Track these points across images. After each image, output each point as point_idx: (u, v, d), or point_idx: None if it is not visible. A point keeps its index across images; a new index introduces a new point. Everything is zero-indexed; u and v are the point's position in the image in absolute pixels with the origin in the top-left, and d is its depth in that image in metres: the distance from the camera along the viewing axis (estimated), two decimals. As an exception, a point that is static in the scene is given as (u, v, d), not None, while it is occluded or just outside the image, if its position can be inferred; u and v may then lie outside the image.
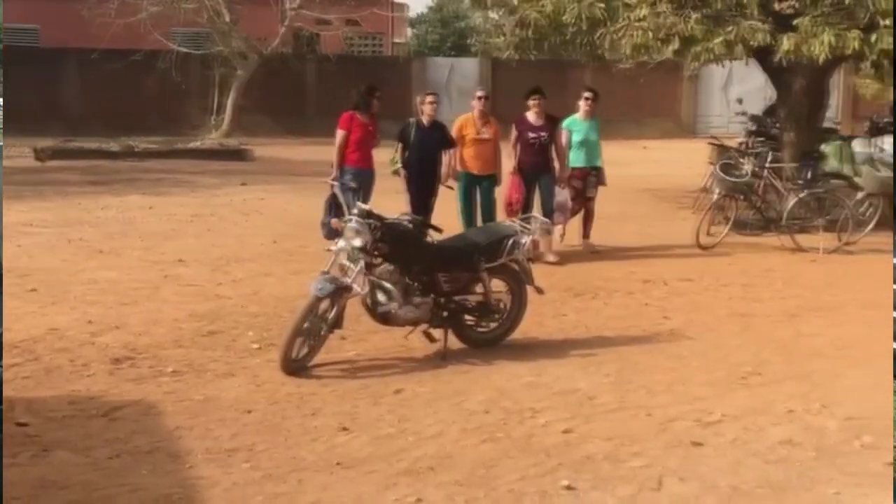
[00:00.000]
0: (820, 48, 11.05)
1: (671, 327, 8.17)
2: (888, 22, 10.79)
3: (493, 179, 10.84)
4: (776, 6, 12.13)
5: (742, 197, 11.88)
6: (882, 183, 12.15)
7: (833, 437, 5.68)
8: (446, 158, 10.58)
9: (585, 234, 11.58)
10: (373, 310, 7.01)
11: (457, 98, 29.41)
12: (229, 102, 26.93)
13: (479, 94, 11.12)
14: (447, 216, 9.66)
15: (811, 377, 6.86)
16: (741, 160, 12.47)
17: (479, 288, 7.32)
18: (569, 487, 4.93)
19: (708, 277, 10.07)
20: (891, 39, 10.90)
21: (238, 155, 22.26)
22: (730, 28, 11.51)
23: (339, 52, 30.41)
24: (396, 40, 35.35)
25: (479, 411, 6.06)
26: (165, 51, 26.38)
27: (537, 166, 10.94)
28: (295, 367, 6.65)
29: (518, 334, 7.60)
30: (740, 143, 15.09)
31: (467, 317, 7.34)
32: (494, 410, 6.07)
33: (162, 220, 13.25)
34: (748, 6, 11.49)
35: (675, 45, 11.73)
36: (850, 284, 9.86)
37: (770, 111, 16.00)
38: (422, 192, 10.39)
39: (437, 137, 10.48)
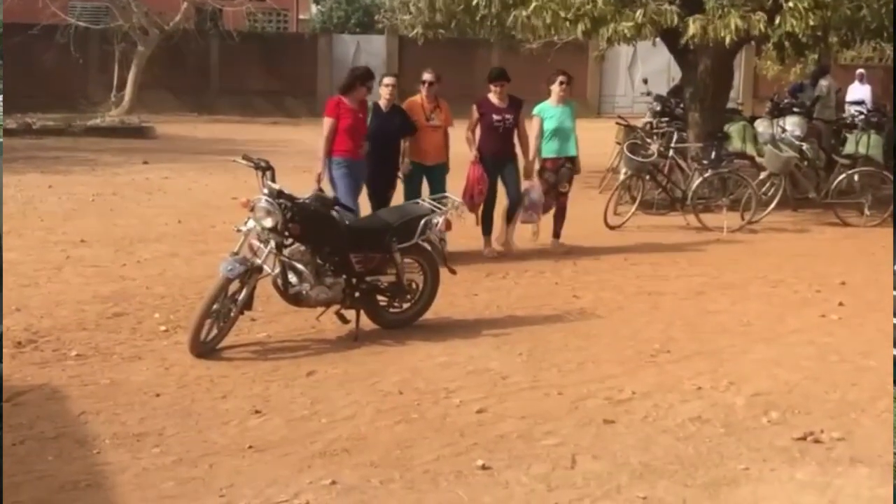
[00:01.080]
0: (726, 30, 11.23)
1: (581, 306, 8.24)
2: (791, 4, 11.00)
3: (444, 168, 9.94)
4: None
5: (648, 177, 12.03)
6: (784, 163, 12.43)
7: (741, 413, 5.78)
8: (404, 146, 9.82)
9: (556, 233, 10.55)
10: (284, 291, 6.91)
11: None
12: (130, 79, 26.25)
13: (427, 77, 9.89)
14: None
15: (718, 354, 6.98)
16: (648, 140, 12.61)
17: (391, 268, 7.27)
18: (484, 467, 4.94)
19: (616, 256, 10.18)
20: (793, 21, 11.11)
21: (140, 132, 21.76)
22: (638, 9, 11.61)
23: (242, 28, 29.94)
24: (302, 17, 34.88)
25: (393, 392, 6.03)
26: (64, 25, 25.60)
27: (501, 153, 9.99)
28: (204, 349, 6.53)
29: (431, 314, 7.57)
30: (645, 124, 15.27)
31: (380, 297, 7.29)
32: (408, 391, 6.05)
33: (62, 199, 12.88)
34: (657, -13, 11.62)
35: (586, 25, 11.80)
36: (754, 262, 10.06)
37: (675, 92, 16.22)
38: (380, 186, 9.60)
39: (397, 124, 9.63)
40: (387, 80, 9.80)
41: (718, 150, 12.27)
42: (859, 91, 19.35)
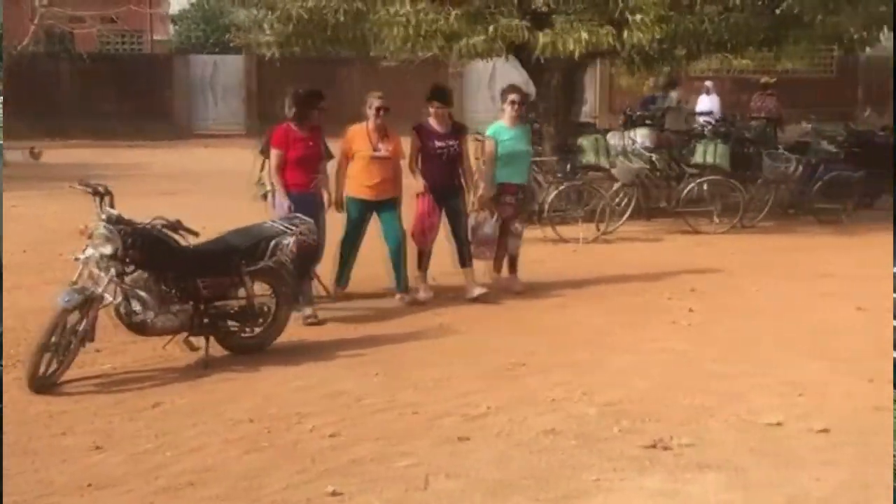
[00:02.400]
0: (574, 44, 11.40)
1: (440, 322, 8.21)
2: (638, 18, 11.23)
3: (395, 205, 8.91)
4: (533, 3, 12.42)
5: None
6: (635, 173, 12.68)
7: (593, 424, 5.80)
8: (331, 177, 8.78)
9: (512, 269, 9.55)
10: (127, 320, 6.67)
11: (221, 97, 28.90)
12: (-24, 104, 25.26)
13: (377, 104, 8.75)
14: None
15: (575, 365, 7.01)
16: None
17: (241, 292, 7.10)
18: (334, 493, 4.81)
19: (474, 270, 10.17)
20: (640, 34, 11.35)
21: (-14, 160, 20.89)
22: (490, 25, 11.69)
23: (93, 50, 29.16)
24: (157, 38, 34.15)
25: (243, 420, 5.85)
26: None
27: (446, 184, 8.97)
28: (44, 384, 6.25)
29: (284, 338, 7.43)
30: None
31: (230, 322, 7.10)
32: (259, 418, 5.88)
33: None
34: (506, 3, 11.72)
35: (439, 41, 11.82)
36: (610, 272, 10.19)
37: (530, 107, 16.38)
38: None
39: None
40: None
41: (573, 162, 12.43)
42: (707, 102, 19.95)
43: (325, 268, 8.70)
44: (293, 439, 5.57)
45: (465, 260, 9.12)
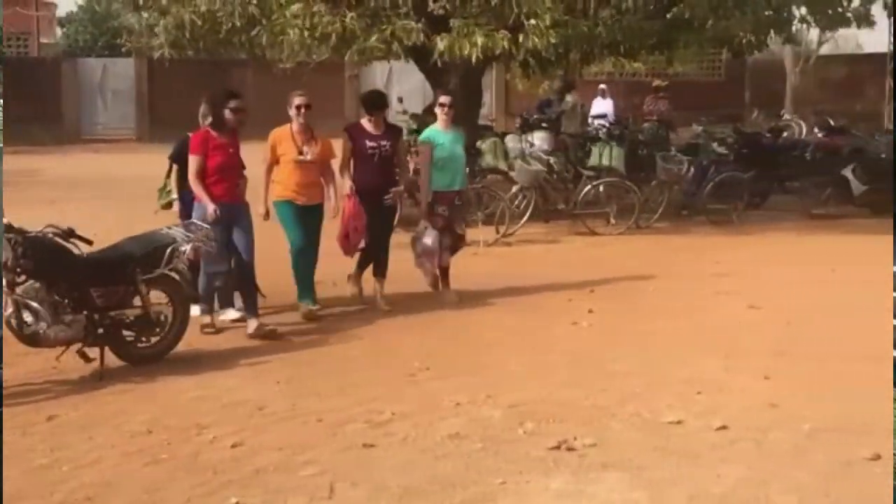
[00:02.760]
0: (472, 48, 11.44)
1: (341, 328, 8.14)
2: (533, 23, 11.33)
3: (319, 212, 8.66)
4: (430, 6, 12.43)
5: (407, 195, 12.06)
6: (533, 176, 12.79)
7: (498, 427, 5.82)
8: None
9: (444, 280, 9.24)
10: (19, 331, 6.46)
11: (112, 101, 28.25)
12: None
13: (298, 101, 8.42)
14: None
15: (478, 368, 7.03)
16: (406, 158, 12.65)
17: (137, 301, 6.93)
18: (237, 505, 4.74)
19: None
20: (535, 39, 11.45)
21: None
22: (385, 27, 11.67)
23: (-24, 52, 28.26)
24: (44, 40, 33.24)
25: (141, 432, 5.71)
26: None
27: (379, 186, 8.67)
28: (-71, 400, 6.00)
29: (183, 346, 7.28)
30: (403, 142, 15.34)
31: (126, 332, 6.93)
32: (158, 430, 5.75)
33: None
34: (402, 6, 11.70)
35: (335, 43, 11.75)
36: (510, 274, 10.26)
37: (429, 110, 16.40)
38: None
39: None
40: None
41: (472, 165, 12.48)
42: (602, 105, 20.25)
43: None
44: (193, 451, 5.46)
45: (380, 269, 8.91)
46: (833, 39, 32.34)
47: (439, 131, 9.14)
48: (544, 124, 14.90)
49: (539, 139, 13.97)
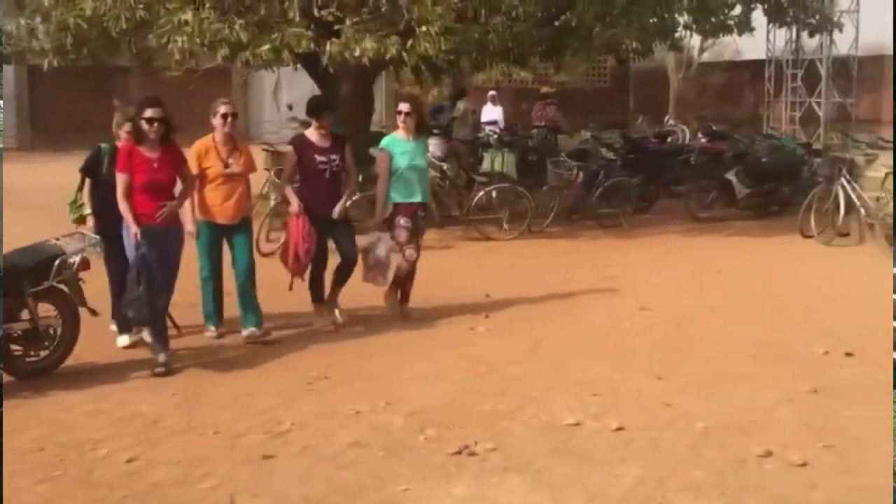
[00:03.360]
0: (362, 54, 11.41)
1: (237, 339, 8.02)
2: (424, 29, 11.36)
3: (248, 228, 8.10)
4: (318, 13, 12.37)
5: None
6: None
7: (398, 434, 5.82)
8: (188, 199, 7.71)
9: (404, 297, 8.85)
10: None
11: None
12: None
13: (223, 109, 7.87)
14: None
15: (376, 375, 7.02)
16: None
17: (25, 314, 6.73)
18: (136, 521, 4.65)
19: (268, 284, 10.00)
20: (427, 45, 11.48)
21: None
22: (275, 34, 11.56)
23: None
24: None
25: (32, 449, 5.55)
26: None
27: (329, 203, 8.18)
28: None
29: (73, 360, 7.10)
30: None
31: (13, 347, 6.72)
32: (50, 446, 5.60)
33: None
34: (290, 13, 11.60)
35: (224, 50, 11.60)
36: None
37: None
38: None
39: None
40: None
41: (365, 172, 12.43)
42: (492, 112, 20.45)
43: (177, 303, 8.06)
44: (88, 466, 5.33)
45: (338, 279, 8.48)
46: (714, 46, 33.27)
47: (402, 139, 8.58)
48: (436, 130, 14.96)
49: (432, 145, 14.02)
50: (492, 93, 21.57)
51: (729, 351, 7.60)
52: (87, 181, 7.81)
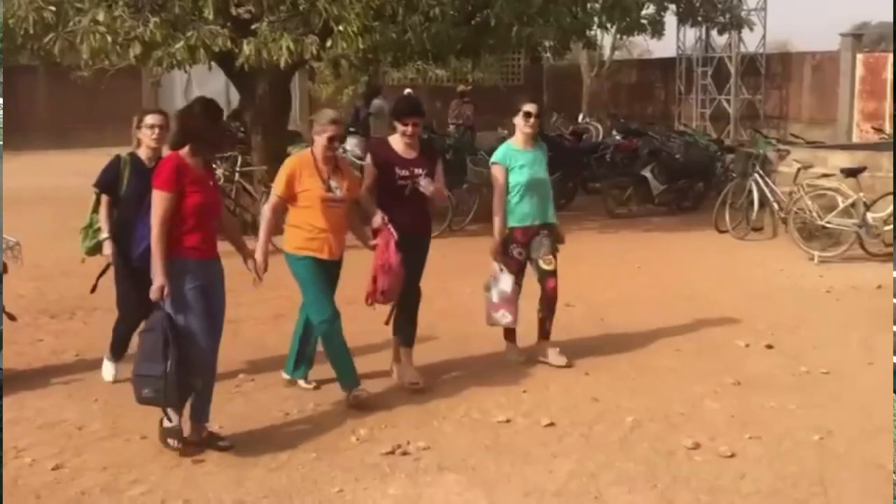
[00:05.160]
0: (279, 53, 11.30)
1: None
2: (342, 27, 11.30)
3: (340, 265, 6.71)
4: (234, 11, 12.22)
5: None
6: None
7: (330, 435, 5.79)
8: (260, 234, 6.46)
9: (545, 333, 7.33)
10: None
11: None
12: None
13: (331, 116, 6.34)
14: None
15: (302, 377, 6.95)
16: (213, 166, 12.41)
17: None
18: (65, 531, 4.54)
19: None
20: (344, 44, 11.42)
21: None
22: (190, 33, 11.39)
23: None
24: None
25: (-48, 460, 5.40)
26: None
27: (411, 227, 6.61)
28: None
29: (-10, 368, 6.90)
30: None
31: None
32: (-30, 457, 5.45)
33: None
34: (206, 10, 11.44)
35: (137, 50, 11.38)
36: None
37: (235, 115, 16.13)
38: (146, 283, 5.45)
39: None
40: (150, 118, 6.55)
41: (273, 171, 12.32)
42: (409, 110, 20.39)
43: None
44: (12, 475, 5.19)
45: (400, 329, 7.07)
46: (625, 45, 33.74)
47: (518, 149, 7.23)
48: (353, 129, 14.90)
49: (351, 144, 13.97)
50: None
51: (653, 345, 7.72)
52: (106, 199, 6.72)
